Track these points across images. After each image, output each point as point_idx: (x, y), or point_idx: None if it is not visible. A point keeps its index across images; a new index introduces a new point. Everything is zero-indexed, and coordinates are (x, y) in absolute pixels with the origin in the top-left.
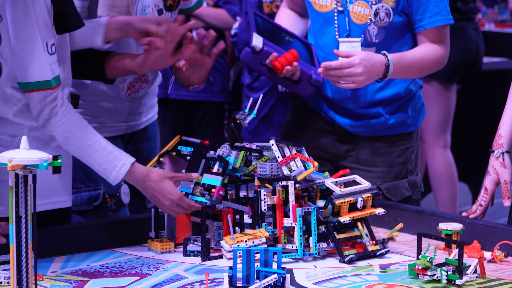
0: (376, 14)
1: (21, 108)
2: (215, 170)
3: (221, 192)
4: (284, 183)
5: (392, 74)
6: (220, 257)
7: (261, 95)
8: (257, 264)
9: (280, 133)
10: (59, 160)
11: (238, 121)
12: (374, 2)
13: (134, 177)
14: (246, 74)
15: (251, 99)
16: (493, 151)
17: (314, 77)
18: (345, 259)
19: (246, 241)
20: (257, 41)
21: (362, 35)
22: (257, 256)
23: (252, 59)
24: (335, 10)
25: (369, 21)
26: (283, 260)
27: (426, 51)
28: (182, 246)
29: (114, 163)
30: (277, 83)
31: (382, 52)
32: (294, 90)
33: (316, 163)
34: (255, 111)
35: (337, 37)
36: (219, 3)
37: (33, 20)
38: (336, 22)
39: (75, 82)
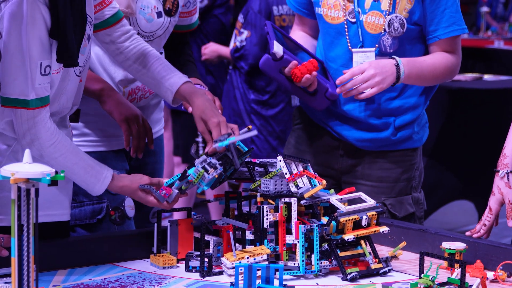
0: (390, 24)
1: (11, 122)
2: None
3: (163, 191)
4: (287, 200)
5: (405, 76)
6: (220, 273)
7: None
8: (258, 281)
9: None
10: (61, 174)
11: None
12: (388, 12)
13: (115, 187)
14: (250, 91)
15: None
16: (498, 171)
17: (330, 90)
18: (348, 277)
19: (247, 257)
20: (278, 48)
21: (376, 45)
22: (259, 273)
23: (272, 66)
24: (346, 22)
25: (383, 31)
26: (285, 277)
27: (438, 57)
28: (184, 262)
29: (97, 177)
30: (293, 93)
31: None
32: (309, 103)
33: (324, 181)
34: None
35: (349, 48)
36: None
37: (26, 37)
38: (347, 33)
39: None
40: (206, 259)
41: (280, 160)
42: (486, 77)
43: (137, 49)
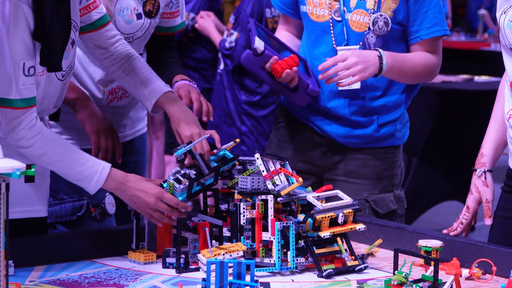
0: (374, 23)
1: None
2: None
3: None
4: (263, 197)
5: (387, 68)
6: (197, 269)
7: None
8: (231, 277)
9: None
10: (32, 169)
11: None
12: (373, 11)
13: (115, 180)
14: (241, 91)
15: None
16: (475, 170)
17: (311, 87)
18: (323, 274)
19: (223, 254)
20: (259, 43)
21: (361, 43)
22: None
23: (253, 62)
24: (331, 20)
25: (367, 29)
26: (261, 274)
27: (420, 55)
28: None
29: (94, 169)
30: (275, 89)
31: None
32: (290, 99)
33: (300, 179)
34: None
35: (334, 46)
36: None
37: (7, 38)
38: (332, 31)
39: None
40: (183, 256)
41: (258, 158)
42: (477, 78)
43: (121, 56)
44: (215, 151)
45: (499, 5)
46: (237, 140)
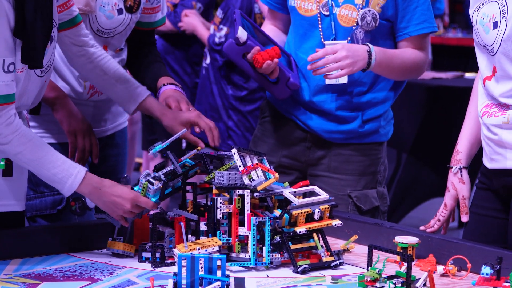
0: (363, 18)
1: None
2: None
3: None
4: (240, 192)
5: (376, 64)
6: (173, 264)
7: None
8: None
9: None
10: (1, 163)
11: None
12: (361, 6)
13: (90, 184)
14: (228, 86)
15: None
16: (451, 167)
17: (292, 80)
18: (298, 269)
19: (199, 249)
20: (242, 33)
21: (348, 37)
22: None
23: (235, 51)
24: (319, 14)
25: (355, 24)
26: (236, 268)
27: (408, 52)
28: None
29: (69, 171)
30: (255, 81)
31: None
32: (271, 91)
33: (276, 174)
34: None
35: (322, 40)
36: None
37: None
38: (320, 25)
39: None
40: (159, 250)
41: (235, 153)
42: (469, 75)
43: (97, 54)
44: (182, 158)
45: (472, 2)
46: (199, 147)
